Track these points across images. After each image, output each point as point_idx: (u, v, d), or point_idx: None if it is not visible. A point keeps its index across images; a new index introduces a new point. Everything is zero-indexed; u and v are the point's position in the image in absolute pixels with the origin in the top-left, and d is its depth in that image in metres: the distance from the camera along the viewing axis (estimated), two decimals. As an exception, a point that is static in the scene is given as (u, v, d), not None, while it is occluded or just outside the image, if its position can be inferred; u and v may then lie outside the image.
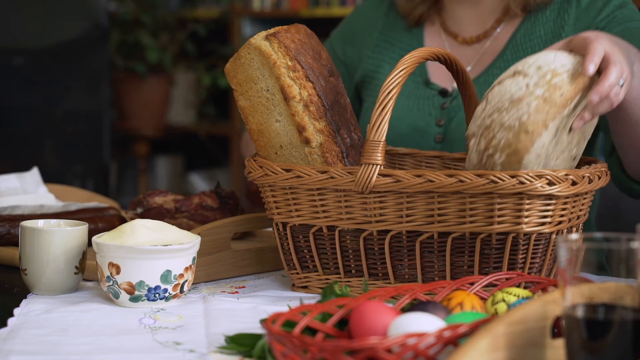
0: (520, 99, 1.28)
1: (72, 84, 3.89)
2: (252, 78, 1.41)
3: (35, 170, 1.88)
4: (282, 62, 1.39)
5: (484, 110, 1.32)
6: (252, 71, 1.41)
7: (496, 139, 1.29)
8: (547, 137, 1.28)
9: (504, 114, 1.29)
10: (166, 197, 1.66)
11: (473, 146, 1.32)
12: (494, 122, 1.29)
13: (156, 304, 1.34)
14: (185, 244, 1.33)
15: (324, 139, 1.39)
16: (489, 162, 1.30)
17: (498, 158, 1.29)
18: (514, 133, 1.27)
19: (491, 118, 1.30)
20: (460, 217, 1.30)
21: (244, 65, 1.42)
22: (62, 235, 1.38)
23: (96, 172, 3.98)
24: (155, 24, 4.47)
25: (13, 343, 1.17)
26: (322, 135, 1.39)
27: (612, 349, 0.92)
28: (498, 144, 1.29)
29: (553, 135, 1.29)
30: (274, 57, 1.40)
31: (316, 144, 1.39)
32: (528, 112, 1.27)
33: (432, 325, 1.01)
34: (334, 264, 1.41)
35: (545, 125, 1.27)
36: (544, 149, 1.28)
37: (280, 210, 1.41)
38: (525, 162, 1.28)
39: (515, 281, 1.22)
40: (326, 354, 0.96)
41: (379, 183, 1.32)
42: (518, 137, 1.27)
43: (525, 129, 1.27)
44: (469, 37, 1.79)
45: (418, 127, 1.75)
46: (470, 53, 1.78)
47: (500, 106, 1.29)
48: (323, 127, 1.39)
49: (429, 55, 1.38)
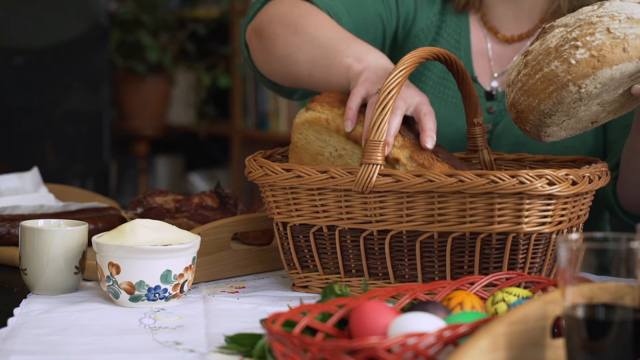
0: (638, 21, 1.27)
1: (72, 84, 3.89)
2: (318, 151, 1.42)
3: (35, 170, 1.88)
4: (334, 115, 1.40)
5: (594, 10, 1.29)
6: (314, 146, 1.41)
7: (593, 36, 1.27)
8: (632, 67, 1.27)
9: (615, 22, 1.26)
10: (166, 197, 1.66)
11: (559, 32, 1.30)
12: (601, 22, 1.27)
13: (156, 304, 1.34)
14: (185, 244, 1.33)
15: (410, 151, 1.38)
16: (567, 51, 1.27)
17: (580, 53, 1.27)
18: (613, 42, 1.26)
19: (600, 19, 1.28)
20: (460, 217, 1.30)
21: (304, 147, 1.43)
22: (62, 235, 1.38)
23: (96, 172, 3.98)
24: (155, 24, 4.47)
25: (13, 343, 1.17)
26: (406, 149, 1.38)
27: (612, 349, 0.92)
28: (592, 41, 1.26)
29: (636, 72, 1.28)
30: (324, 117, 1.40)
31: (405, 158, 1.38)
32: (638, 35, 1.26)
33: (432, 325, 1.01)
34: (334, 264, 1.41)
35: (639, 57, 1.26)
36: (621, 75, 1.27)
37: (281, 210, 1.41)
38: (600, 73, 1.26)
39: (515, 281, 1.22)
40: (326, 354, 0.96)
41: (379, 183, 1.32)
42: (614, 48, 1.26)
43: (625, 47, 1.26)
44: (509, 36, 1.74)
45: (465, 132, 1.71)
46: (510, 52, 1.74)
47: (616, 15, 1.27)
48: (402, 142, 1.38)
49: (429, 55, 1.38)
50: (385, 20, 1.75)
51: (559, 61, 1.28)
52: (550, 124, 1.34)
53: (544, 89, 1.30)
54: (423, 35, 1.76)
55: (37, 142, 3.84)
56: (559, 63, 1.28)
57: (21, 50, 3.78)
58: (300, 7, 1.64)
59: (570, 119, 1.34)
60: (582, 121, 1.36)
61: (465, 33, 1.75)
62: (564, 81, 1.28)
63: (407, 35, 1.77)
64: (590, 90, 1.28)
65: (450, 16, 1.77)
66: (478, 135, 1.52)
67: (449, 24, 1.76)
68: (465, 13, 1.77)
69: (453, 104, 1.71)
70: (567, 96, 1.29)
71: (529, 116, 1.33)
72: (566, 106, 1.30)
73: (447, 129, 1.69)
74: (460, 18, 1.77)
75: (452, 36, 1.75)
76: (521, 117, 1.35)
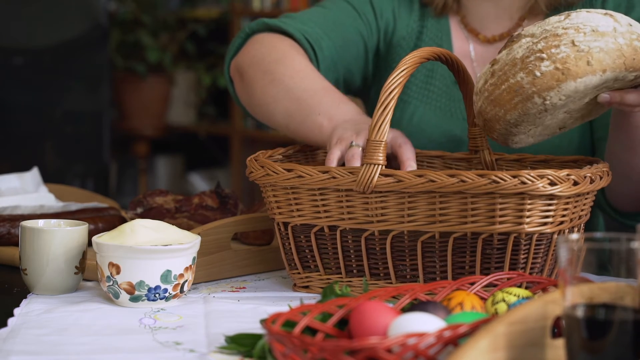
0: (602, 34, 1.27)
1: (72, 84, 3.89)
2: None
3: (35, 170, 1.88)
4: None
5: (560, 21, 1.30)
6: None
7: (559, 49, 1.28)
8: (596, 80, 1.28)
9: (580, 35, 1.28)
10: (166, 197, 1.66)
11: (525, 43, 1.31)
12: (567, 35, 1.28)
13: (156, 304, 1.34)
14: (185, 244, 1.33)
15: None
16: (533, 63, 1.29)
17: (545, 66, 1.28)
18: (577, 55, 1.27)
19: (566, 31, 1.29)
20: (461, 217, 1.30)
21: None
22: (62, 235, 1.38)
23: (96, 172, 3.98)
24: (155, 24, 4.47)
25: (13, 343, 1.17)
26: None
27: (612, 349, 0.92)
28: (557, 53, 1.28)
29: (600, 84, 1.29)
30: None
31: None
32: (601, 48, 1.27)
33: (432, 325, 1.01)
34: (335, 264, 1.41)
35: (604, 69, 1.27)
36: (585, 88, 1.28)
37: (282, 210, 1.41)
38: (564, 86, 1.28)
39: (515, 281, 1.22)
40: (326, 354, 0.96)
41: (381, 183, 1.32)
42: (578, 61, 1.27)
43: (589, 60, 1.27)
44: (491, 36, 1.74)
45: (454, 136, 1.70)
46: (492, 52, 1.74)
47: (581, 28, 1.29)
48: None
49: (430, 55, 1.38)
50: (366, 37, 1.77)
51: (525, 72, 1.29)
52: (517, 133, 1.36)
53: (510, 100, 1.32)
54: (405, 42, 1.78)
55: (37, 142, 3.84)
56: (525, 74, 1.29)
57: (21, 50, 3.78)
58: (278, 49, 1.67)
59: (537, 127, 1.36)
60: (550, 128, 1.38)
61: (446, 36, 1.77)
62: (529, 93, 1.30)
63: (389, 46, 1.79)
64: (554, 102, 1.29)
65: (431, 20, 1.78)
66: (478, 136, 1.52)
67: (430, 28, 1.78)
68: (445, 17, 1.78)
69: (438, 108, 1.73)
70: (532, 107, 1.30)
71: (496, 125, 1.36)
72: (532, 117, 1.32)
73: (434, 132, 1.70)
74: (441, 22, 1.78)
75: (433, 40, 1.76)
76: (488, 126, 1.37)
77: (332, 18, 1.75)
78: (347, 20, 1.75)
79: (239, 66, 1.70)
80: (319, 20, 1.74)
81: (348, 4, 1.78)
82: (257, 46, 1.69)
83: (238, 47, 1.73)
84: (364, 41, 1.77)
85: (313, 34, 1.70)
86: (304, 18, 1.73)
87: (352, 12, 1.76)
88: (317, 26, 1.72)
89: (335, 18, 1.75)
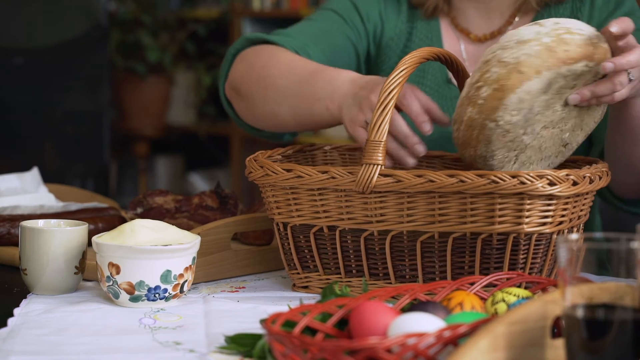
0: (526, 42, 1.29)
1: (72, 84, 3.89)
2: None
3: (35, 170, 1.88)
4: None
5: (491, 49, 1.33)
6: None
7: (489, 72, 1.30)
8: (536, 84, 1.28)
9: (507, 51, 1.30)
10: (166, 197, 1.66)
11: (468, 83, 1.34)
12: (494, 57, 1.31)
13: (156, 304, 1.34)
14: (185, 244, 1.33)
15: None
16: (474, 95, 1.31)
17: (484, 92, 1.30)
18: (507, 70, 1.29)
19: (494, 54, 1.31)
20: (461, 217, 1.30)
21: None
22: (62, 235, 1.38)
23: (96, 172, 3.98)
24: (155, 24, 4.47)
25: (13, 343, 1.17)
26: None
27: (612, 349, 0.92)
28: (489, 77, 1.30)
29: (544, 87, 1.29)
30: None
31: None
32: (528, 54, 1.28)
33: (432, 325, 1.01)
34: (334, 264, 1.41)
35: (538, 71, 1.28)
36: (529, 95, 1.29)
37: (281, 210, 1.41)
38: (507, 101, 1.29)
39: (515, 281, 1.22)
40: (326, 354, 0.96)
41: (380, 183, 1.32)
42: (509, 74, 1.28)
43: (519, 69, 1.28)
44: (482, 35, 1.75)
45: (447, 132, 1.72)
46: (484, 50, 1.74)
47: (506, 45, 1.30)
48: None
49: (430, 55, 1.38)
50: (356, 42, 1.78)
51: (472, 106, 1.32)
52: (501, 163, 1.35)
53: (470, 136, 1.34)
54: (394, 43, 1.78)
55: (37, 142, 3.84)
56: (472, 108, 1.32)
57: (21, 50, 3.78)
58: (263, 56, 1.68)
59: (524, 151, 1.35)
60: (547, 149, 1.37)
61: (436, 37, 1.77)
62: (480, 121, 1.32)
63: (379, 48, 1.80)
64: (508, 119, 1.30)
65: (420, 22, 1.79)
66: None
67: (420, 29, 1.78)
68: (436, 18, 1.79)
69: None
70: (491, 133, 1.32)
71: (478, 165, 1.37)
72: (500, 142, 1.32)
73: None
74: (431, 23, 1.78)
75: (423, 41, 1.77)
76: (475, 168, 1.38)
77: (318, 27, 1.77)
78: (333, 27, 1.77)
79: (233, 85, 1.71)
80: (304, 30, 1.75)
81: (333, 12, 1.79)
82: (244, 61, 1.70)
83: (227, 69, 1.74)
84: (354, 46, 1.78)
85: (298, 42, 1.71)
86: (288, 31, 1.75)
87: (338, 19, 1.78)
88: (303, 36, 1.73)
89: (322, 27, 1.77)
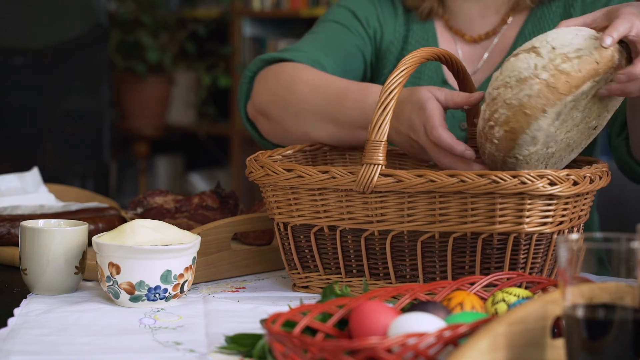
0: (525, 80, 1.30)
1: (72, 84, 3.89)
2: None
3: (35, 170, 1.88)
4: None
5: (496, 79, 1.34)
6: None
7: (498, 112, 1.32)
8: (545, 121, 1.30)
9: (508, 90, 1.31)
10: (166, 197, 1.66)
11: (482, 112, 1.35)
12: (499, 95, 1.32)
13: (156, 304, 1.34)
14: (185, 244, 1.33)
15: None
16: (489, 132, 1.33)
17: (497, 132, 1.32)
18: (513, 112, 1.30)
19: (498, 91, 1.32)
20: (461, 217, 1.30)
21: None
22: (62, 235, 1.38)
23: (96, 172, 3.98)
24: (155, 24, 4.47)
25: (13, 343, 1.17)
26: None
27: (612, 349, 0.92)
28: (499, 118, 1.31)
29: (553, 119, 1.30)
30: None
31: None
32: (529, 95, 1.29)
33: (432, 325, 1.01)
34: (335, 264, 1.41)
35: (543, 110, 1.29)
36: (541, 132, 1.30)
37: (282, 210, 1.41)
38: (520, 141, 1.31)
39: (515, 281, 1.22)
40: (326, 354, 0.96)
41: (380, 183, 1.32)
42: (516, 117, 1.30)
43: (524, 111, 1.29)
44: (476, 35, 1.76)
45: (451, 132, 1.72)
46: (479, 51, 1.76)
47: (508, 82, 1.31)
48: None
49: (430, 55, 1.38)
50: (362, 48, 1.79)
51: (488, 143, 1.34)
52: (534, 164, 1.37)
53: (495, 167, 1.37)
54: (393, 47, 1.80)
55: (37, 142, 3.84)
56: (489, 145, 1.34)
57: (21, 50, 3.78)
58: (284, 77, 1.68)
59: (553, 156, 1.37)
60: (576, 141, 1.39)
61: (432, 39, 1.78)
62: (500, 158, 1.34)
63: (379, 52, 1.81)
64: (526, 154, 1.33)
65: (416, 24, 1.80)
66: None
67: (416, 31, 1.79)
68: (430, 20, 1.80)
69: None
70: (514, 165, 1.35)
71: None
72: (526, 166, 1.35)
73: None
74: (426, 25, 1.80)
75: (419, 43, 1.78)
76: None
77: (325, 39, 1.78)
78: (340, 37, 1.78)
79: (260, 109, 1.70)
80: (313, 44, 1.76)
81: (335, 23, 1.80)
82: (265, 83, 1.70)
83: (248, 92, 1.75)
84: (361, 53, 1.79)
85: (313, 55, 1.72)
86: (298, 46, 1.76)
87: (342, 28, 1.79)
88: (314, 49, 1.74)
89: (329, 38, 1.78)
